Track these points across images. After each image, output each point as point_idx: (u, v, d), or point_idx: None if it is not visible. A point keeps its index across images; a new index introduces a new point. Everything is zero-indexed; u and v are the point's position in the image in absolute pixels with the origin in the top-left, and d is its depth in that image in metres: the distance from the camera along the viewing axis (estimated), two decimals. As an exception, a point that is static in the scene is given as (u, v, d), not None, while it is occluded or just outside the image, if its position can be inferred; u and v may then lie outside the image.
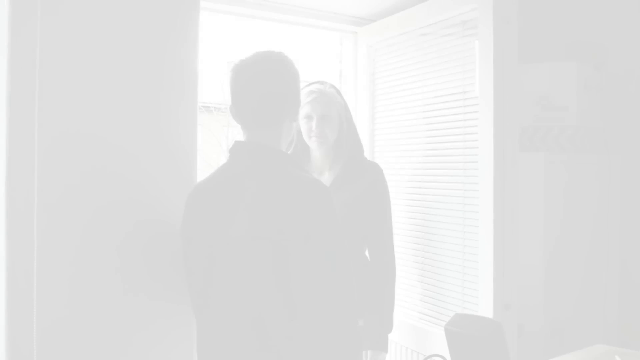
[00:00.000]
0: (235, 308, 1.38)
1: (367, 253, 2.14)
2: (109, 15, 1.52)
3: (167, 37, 1.60)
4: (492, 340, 1.42)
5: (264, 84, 1.45)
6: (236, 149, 1.48)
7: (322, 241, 1.33)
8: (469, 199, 2.17)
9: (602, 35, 2.99)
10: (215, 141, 10.83)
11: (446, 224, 2.27)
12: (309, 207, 1.33)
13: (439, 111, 2.32)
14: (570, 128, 2.64)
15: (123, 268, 1.53)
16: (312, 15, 2.57)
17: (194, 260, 1.46)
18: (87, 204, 1.49)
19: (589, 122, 2.71)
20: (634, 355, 1.96)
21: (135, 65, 1.55)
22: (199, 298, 1.46)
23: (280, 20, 2.55)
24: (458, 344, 1.48)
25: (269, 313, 1.34)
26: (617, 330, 2.78)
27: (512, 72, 2.04)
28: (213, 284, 1.41)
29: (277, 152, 1.46)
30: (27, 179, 1.40)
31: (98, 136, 1.50)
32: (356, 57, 2.76)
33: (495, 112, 2.01)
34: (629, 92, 2.91)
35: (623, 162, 2.86)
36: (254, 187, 1.38)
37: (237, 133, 1.55)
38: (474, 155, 2.12)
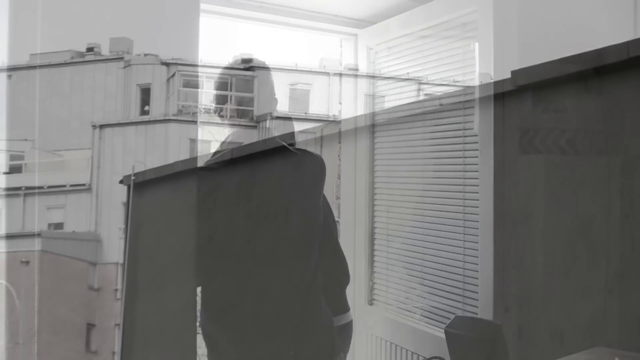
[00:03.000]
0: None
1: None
2: (110, 17, 1.52)
3: (168, 39, 1.61)
4: (492, 343, 1.43)
5: (253, 88, 1.74)
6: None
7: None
8: (469, 200, 2.17)
9: (602, 36, 2.99)
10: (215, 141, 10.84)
11: (446, 226, 2.26)
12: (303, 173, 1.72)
13: (438, 113, 2.32)
14: (570, 130, 2.64)
15: (124, 271, 1.53)
16: (312, 17, 2.57)
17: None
18: (86, 204, 1.49)
19: (589, 124, 2.70)
20: (634, 358, 1.95)
21: (136, 66, 1.56)
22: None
23: (281, 23, 2.55)
24: (458, 346, 1.49)
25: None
26: (617, 332, 2.78)
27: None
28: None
29: (273, 138, 1.77)
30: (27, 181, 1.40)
31: (98, 136, 1.50)
32: (356, 59, 2.76)
33: (495, 113, 2.01)
34: (629, 94, 2.90)
35: (623, 164, 2.85)
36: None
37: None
38: (474, 157, 2.12)
